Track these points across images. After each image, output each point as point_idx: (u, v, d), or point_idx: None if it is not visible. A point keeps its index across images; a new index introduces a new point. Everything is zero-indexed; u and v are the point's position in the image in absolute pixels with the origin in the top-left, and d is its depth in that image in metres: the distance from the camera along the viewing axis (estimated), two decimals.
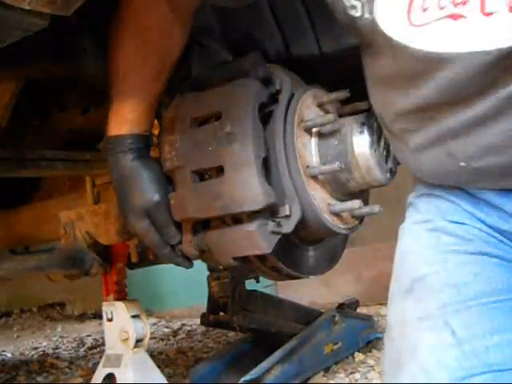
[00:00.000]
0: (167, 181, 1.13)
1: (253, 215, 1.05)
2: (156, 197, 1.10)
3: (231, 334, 2.86)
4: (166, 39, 1.11)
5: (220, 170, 1.06)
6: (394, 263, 1.02)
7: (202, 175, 1.11)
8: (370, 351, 2.29)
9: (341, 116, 1.18)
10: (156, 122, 1.23)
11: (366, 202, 1.26)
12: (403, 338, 0.93)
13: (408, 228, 1.03)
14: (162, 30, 1.10)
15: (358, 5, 0.83)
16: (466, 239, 0.94)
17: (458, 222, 0.95)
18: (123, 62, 1.10)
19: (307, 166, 1.13)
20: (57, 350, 3.25)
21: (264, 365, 1.80)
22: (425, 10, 0.76)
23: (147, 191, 1.10)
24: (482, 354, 0.85)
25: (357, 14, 0.84)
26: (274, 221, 1.08)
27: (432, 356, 0.88)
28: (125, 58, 1.10)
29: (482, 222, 0.94)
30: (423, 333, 0.90)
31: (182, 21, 1.12)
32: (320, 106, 1.19)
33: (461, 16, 0.74)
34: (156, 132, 1.24)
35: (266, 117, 1.11)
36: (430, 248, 0.97)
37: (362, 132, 1.13)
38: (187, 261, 1.19)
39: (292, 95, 1.14)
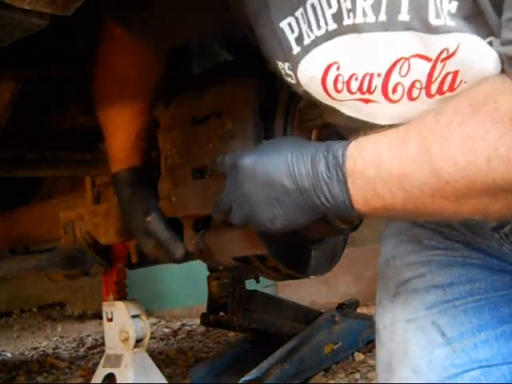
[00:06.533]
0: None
1: None
2: (148, 219, 1.20)
3: (231, 334, 2.86)
4: (143, 78, 1.15)
5: None
6: (379, 269, 1.04)
7: (202, 172, 1.11)
8: (370, 351, 2.28)
9: None
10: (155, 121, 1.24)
11: None
12: (393, 341, 0.95)
13: (390, 234, 1.06)
14: (137, 71, 1.14)
15: (292, 74, 0.86)
16: (447, 244, 0.97)
17: (435, 230, 0.98)
18: (107, 107, 1.18)
19: None
20: (57, 350, 3.25)
21: (264, 365, 1.80)
22: (339, 91, 0.81)
23: (139, 216, 1.21)
24: (471, 351, 0.88)
25: (293, 81, 0.86)
26: None
27: (422, 356, 0.90)
28: (108, 103, 1.17)
29: (459, 230, 0.96)
30: (412, 334, 0.93)
31: (157, 56, 1.15)
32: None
33: (371, 100, 0.79)
34: (156, 133, 1.24)
35: (266, 116, 1.11)
36: (412, 253, 1.00)
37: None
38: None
39: (292, 95, 1.14)
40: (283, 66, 0.86)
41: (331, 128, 1.15)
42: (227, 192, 0.89)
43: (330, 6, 0.76)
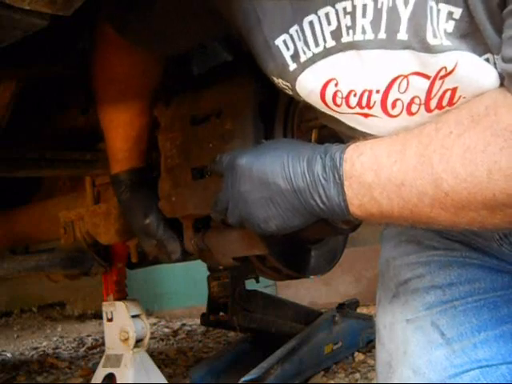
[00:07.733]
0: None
1: None
2: (147, 220, 1.20)
3: (231, 334, 2.86)
4: (142, 80, 1.16)
5: None
6: (379, 270, 1.04)
7: (202, 172, 1.11)
8: (370, 351, 2.29)
9: None
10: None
11: None
12: (393, 341, 0.95)
13: (389, 234, 1.06)
14: (136, 73, 1.14)
15: (287, 88, 0.86)
16: (447, 244, 0.97)
17: (435, 230, 0.97)
18: (107, 108, 1.18)
19: None
20: (57, 350, 3.25)
21: (264, 365, 1.80)
22: (338, 105, 0.81)
23: (139, 217, 1.22)
24: (471, 351, 0.88)
25: (291, 92, 0.87)
26: None
27: (422, 356, 0.90)
28: (107, 105, 1.18)
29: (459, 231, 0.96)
30: (412, 334, 0.93)
31: (156, 59, 1.15)
32: None
33: (370, 115, 0.79)
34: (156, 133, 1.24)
35: (266, 116, 1.11)
36: (412, 253, 1.00)
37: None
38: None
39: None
40: (277, 81, 0.86)
41: (331, 129, 1.15)
42: (224, 191, 0.89)
43: (329, 23, 0.76)
